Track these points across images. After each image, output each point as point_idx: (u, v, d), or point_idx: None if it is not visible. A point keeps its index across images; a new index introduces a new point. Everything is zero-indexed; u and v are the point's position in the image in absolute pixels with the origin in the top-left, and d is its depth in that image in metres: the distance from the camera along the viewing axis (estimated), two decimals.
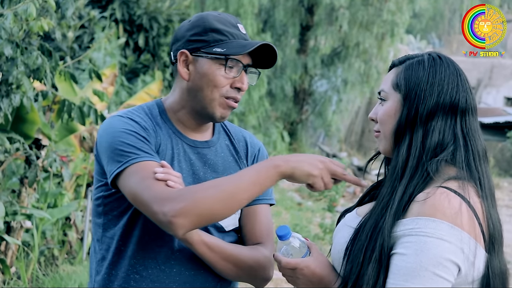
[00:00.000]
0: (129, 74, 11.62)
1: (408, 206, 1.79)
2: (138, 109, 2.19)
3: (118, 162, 2.03)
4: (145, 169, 2.00)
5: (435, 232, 1.72)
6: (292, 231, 1.95)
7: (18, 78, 4.26)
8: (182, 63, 2.15)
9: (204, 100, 2.14)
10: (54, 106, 6.02)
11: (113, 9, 11.60)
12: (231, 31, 2.14)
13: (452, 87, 1.87)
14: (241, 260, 2.12)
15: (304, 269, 1.89)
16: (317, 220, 10.06)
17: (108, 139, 2.08)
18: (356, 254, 1.82)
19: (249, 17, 14.92)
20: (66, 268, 5.90)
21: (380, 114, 1.93)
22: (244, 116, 14.78)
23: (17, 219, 5.06)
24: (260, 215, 2.24)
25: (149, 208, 1.95)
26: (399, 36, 17.61)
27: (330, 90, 18.66)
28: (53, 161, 5.11)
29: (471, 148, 1.86)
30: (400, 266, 1.73)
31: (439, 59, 1.92)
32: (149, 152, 2.04)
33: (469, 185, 1.80)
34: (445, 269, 1.71)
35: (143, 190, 1.97)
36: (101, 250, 2.17)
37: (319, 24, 17.54)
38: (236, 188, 1.94)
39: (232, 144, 2.30)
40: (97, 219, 2.18)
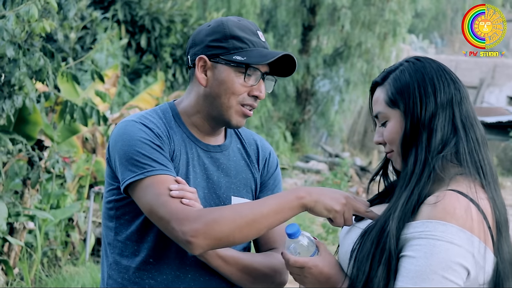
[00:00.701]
0: (131, 75, 11.63)
1: (418, 208, 1.79)
2: (152, 113, 2.17)
3: (132, 172, 2.02)
4: (160, 184, 1.99)
5: (445, 235, 1.72)
6: (301, 230, 1.95)
7: (21, 79, 4.27)
8: (200, 68, 2.13)
9: (221, 107, 2.13)
10: (56, 107, 6.03)
11: (115, 10, 11.61)
12: (252, 39, 2.12)
13: (443, 82, 1.89)
14: (256, 269, 2.13)
15: (312, 268, 1.89)
16: (320, 220, 10.05)
17: (122, 147, 2.06)
18: (364, 256, 1.82)
19: (251, 17, 14.91)
20: (69, 269, 5.90)
21: (387, 134, 1.93)
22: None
23: (20, 220, 5.07)
24: None
25: (167, 224, 1.96)
26: (401, 35, 17.60)
27: (332, 90, 18.65)
28: (56, 162, 5.12)
29: (471, 136, 1.87)
30: (409, 268, 1.73)
31: (419, 62, 1.92)
32: (164, 164, 2.03)
33: (475, 181, 1.81)
34: (454, 273, 1.71)
35: (160, 207, 1.97)
36: (112, 254, 2.16)
37: (321, 24, 17.54)
38: (256, 216, 1.94)
39: (244, 147, 2.30)
40: (108, 222, 2.17)
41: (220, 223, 1.93)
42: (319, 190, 1.97)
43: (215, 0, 15.03)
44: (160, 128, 2.12)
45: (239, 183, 2.22)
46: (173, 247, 2.09)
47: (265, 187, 2.28)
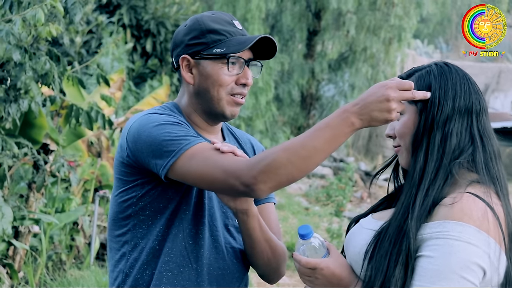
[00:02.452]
0: (137, 79, 11.65)
1: (433, 209, 1.80)
2: (164, 108, 2.20)
3: (171, 151, 2.01)
4: (203, 150, 2.00)
5: (463, 236, 1.73)
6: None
7: (26, 83, 4.28)
8: (185, 68, 2.18)
9: (212, 101, 2.17)
10: (62, 111, 6.04)
11: (121, 14, 11.64)
12: (228, 29, 2.17)
13: (465, 91, 1.92)
14: (277, 246, 2.20)
15: (324, 269, 1.91)
16: (324, 225, 10.04)
17: (151, 134, 2.05)
18: (381, 256, 1.83)
19: (256, 22, 14.93)
20: (73, 273, 5.91)
21: (399, 128, 1.96)
22: (251, 121, 14.78)
23: (25, 224, 5.07)
24: (271, 213, 2.32)
25: (225, 182, 1.95)
26: (407, 40, 17.59)
27: (337, 95, 18.64)
28: (61, 166, 5.12)
29: (488, 148, 1.90)
30: (427, 268, 1.75)
31: (446, 66, 1.96)
32: (196, 136, 2.05)
33: (490, 189, 1.83)
34: (472, 273, 1.73)
35: (212, 168, 1.96)
36: (132, 252, 2.17)
37: (326, 29, 17.54)
38: (311, 152, 1.89)
39: (240, 146, 2.35)
40: (122, 221, 2.18)
41: (277, 166, 1.89)
42: (365, 107, 1.86)
43: (220, 5, 15.06)
44: (176, 117, 2.15)
45: None
46: (192, 240, 2.14)
47: None
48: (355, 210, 11.71)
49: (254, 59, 2.21)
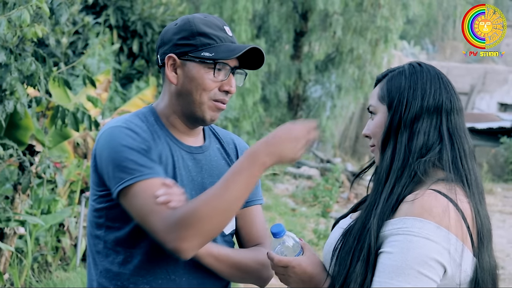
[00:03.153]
0: (123, 80, 11.61)
1: (397, 206, 1.82)
2: (134, 118, 2.17)
3: (121, 178, 2.02)
4: (148, 191, 2.00)
5: (422, 231, 1.75)
6: (286, 230, 1.98)
7: (12, 84, 4.26)
8: (170, 67, 2.16)
9: (193, 104, 2.15)
10: (47, 112, 6.01)
11: (107, 15, 11.60)
12: (219, 34, 2.15)
13: (435, 90, 1.93)
14: (246, 264, 2.17)
15: (296, 267, 1.93)
16: (311, 226, 10.06)
17: (110, 153, 2.06)
18: (345, 253, 1.86)
19: (243, 23, 14.94)
20: (59, 275, 5.88)
21: (371, 127, 2.00)
22: (238, 122, 14.79)
23: (11, 225, 5.05)
24: (256, 216, 2.29)
25: (156, 234, 1.98)
26: (393, 42, 17.65)
27: (324, 96, 18.68)
28: (47, 167, 5.10)
29: (457, 146, 1.91)
30: (385, 264, 1.77)
31: (419, 66, 1.98)
32: (151, 168, 2.03)
33: (457, 186, 1.84)
34: (430, 268, 1.74)
35: (148, 215, 1.99)
36: (103, 262, 2.15)
37: (313, 30, 17.57)
38: (231, 202, 1.97)
39: (223, 147, 2.32)
40: (96, 230, 2.16)
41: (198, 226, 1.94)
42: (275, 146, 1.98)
43: (207, 6, 15.05)
44: (146, 132, 2.13)
45: None
46: (167, 251, 2.08)
47: None
48: (342, 211, 11.73)
49: (239, 67, 2.20)
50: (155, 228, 1.97)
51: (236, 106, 14.10)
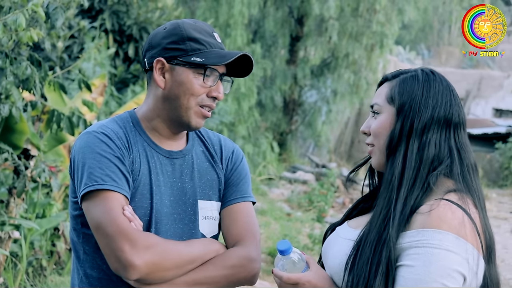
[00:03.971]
0: (119, 84, 11.60)
1: (411, 217, 1.81)
2: (111, 123, 2.17)
3: (85, 184, 2.03)
4: (110, 200, 2.01)
5: (442, 243, 1.75)
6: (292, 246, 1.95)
7: (7, 88, 4.26)
8: (158, 71, 2.15)
9: (180, 109, 2.14)
10: (43, 116, 6.00)
11: (103, 20, 11.60)
12: (208, 40, 2.15)
13: (446, 102, 1.92)
14: (214, 276, 2.12)
15: (306, 284, 1.90)
16: (306, 231, 10.05)
17: (81, 159, 2.08)
18: (361, 268, 1.83)
19: (239, 28, 14.94)
20: (54, 279, 5.87)
21: (374, 127, 1.96)
22: (234, 127, 14.78)
23: (5, 229, 5.04)
24: (236, 213, 2.24)
25: (114, 242, 1.97)
26: (389, 47, 17.67)
27: (319, 101, 18.68)
28: (42, 171, 5.10)
29: (465, 161, 1.90)
30: (408, 278, 1.75)
31: (432, 74, 1.96)
32: (117, 181, 2.04)
33: (467, 197, 1.83)
34: (452, 280, 1.74)
35: (109, 222, 1.98)
36: (83, 267, 2.16)
37: (309, 35, 17.58)
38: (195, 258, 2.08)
39: (207, 149, 2.30)
40: (75, 237, 2.17)
41: (167, 260, 2.00)
42: None
43: (203, 10, 15.05)
44: (120, 138, 2.12)
45: (205, 186, 2.23)
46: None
47: (229, 183, 2.28)
48: (337, 216, 11.73)
49: (227, 75, 2.19)
50: (116, 235, 1.96)
51: (232, 111, 14.10)
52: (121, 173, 2.06)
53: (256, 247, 2.18)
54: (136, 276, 1.97)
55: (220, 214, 2.25)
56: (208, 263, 2.12)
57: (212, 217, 2.22)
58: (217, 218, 2.24)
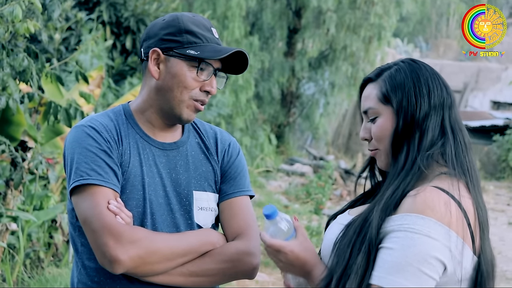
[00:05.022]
0: (116, 76, 11.59)
1: (400, 202, 1.81)
2: (102, 117, 2.18)
3: (72, 179, 2.05)
4: (97, 195, 2.02)
5: (423, 228, 1.74)
6: (279, 211, 1.94)
7: (4, 80, 4.25)
8: (153, 61, 2.15)
9: (172, 101, 2.14)
10: (40, 108, 5.99)
11: (100, 11, 11.57)
12: (205, 34, 2.14)
13: (436, 85, 1.92)
14: (211, 269, 2.13)
15: (288, 253, 1.90)
16: (304, 223, 10.07)
17: (69, 154, 2.10)
18: (345, 244, 1.84)
19: (236, 20, 14.92)
20: (51, 271, 5.87)
21: (376, 131, 1.94)
22: (232, 119, 14.78)
23: (3, 221, 5.04)
24: (236, 208, 2.25)
25: (99, 238, 1.99)
26: (386, 39, 17.67)
27: (317, 93, 18.69)
28: (39, 163, 5.09)
29: (459, 140, 1.91)
30: (385, 259, 1.76)
31: (415, 63, 1.96)
32: (103, 175, 2.05)
33: (459, 181, 1.83)
34: (430, 266, 1.74)
35: (94, 217, 2.00)
36: (81, 259, 2.17)
37: (307, 27, 17.57)
38: (187, 251, 2.10)
39: (203, 141, 2.30)
40: (73, 230, 2.18)
41: (153, 254, 2.02)
42: None
43: (200, 2, 15.02)
44: (109, 131, 2.13)
45: (199, 177, 2.23)
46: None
47: (226, 176, 2.28)
48: (335, 208, 11.75)
49: (222, 70, 2.19)
50: (101, 230, 1.98)
51: (229, 103, 14.10)
52: (107, 166, 2.07)
53: (255, 241, 2.18)
54: (121, 270, 1.99)
55: (218, 207, 2.26)
56: (205, 255, 2.13)
57: (208, 208, 2.22)
58: (215, 209, 2.24)
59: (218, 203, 2.26)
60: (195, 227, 2.19)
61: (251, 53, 15.27)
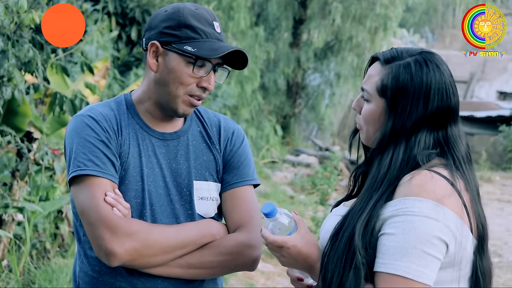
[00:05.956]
0: (122, 67, 11.59)
1: (395, 190, 1.80)
2: (102, 106, 2.18)
3: (70, 169, 2.06)
4: (95, 186, 2.02)
5: (422, 210, 1.74)
6: (278, 207, 1.93)
7: (9, 70, 4.24)
8: (152, 53, 2.14)
9: (168, 95, 2.13)
10: (45, 99, 6.00)
11: (106, 2, 11.56)
12: (205, 29, 2.11)
13: (438, 97, 1.86)
14: (210, 261, 2.13)
15: (291, 248, 1.89)
16: (310, 214, 10.07)
17: (69, 144, 2.10)
18: (335, 263, 1.83)
19: (242, 11, 14.88)
20: (58, 261, 5.89)
21: (365, 114, 1.94)
22: (237, 110, 14.78)
23: (9, 212, 5.05)
24: (238, 198, 2.23)
25: (95, 230, 1.99)
26: (392, 30, 17.62)
27: (323, 84, 18.66)
28: (45, 154, 5.09)
29: (455, 154, 1.87)
30: (388, 245, 1.75)
31: (426, 66, 1.87)
32: (100, 166, 2.05)
33: (458, 176, 1.82)
34: (433, 247, 1.74)
35: (91, 209, 2.00)
36: (83, 248, 2.18)
37: (312, 17, 17.53)
38: (184, 243, 2.09)
39: (205, 130, 2.28)
40: (75, 220, 2.18)
41: (150, 247, 2.02)
42: None
43: None
44: (109, 121, 2.12)
45: (200, 167, 2.22)
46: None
47: (229, 166, 2.26)
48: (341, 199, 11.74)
49: (223, 64, 2.16)
50: (97, 223, 1.98)
51: (235, 94, 14.09)
52: (105, 157, 2.06)
53: (256, 233, 2.17)
54: (117, 263, 2.00)
55: (220, 198, 2.25)
56: (204, 247, 2.12)
57: (209, 197, 2.21)
58: (216, 199, 2.23)
59: (221, 193, 2.24)
60: (196, 217, 2.18)
61: (257, 44, 15.24)
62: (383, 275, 1.74)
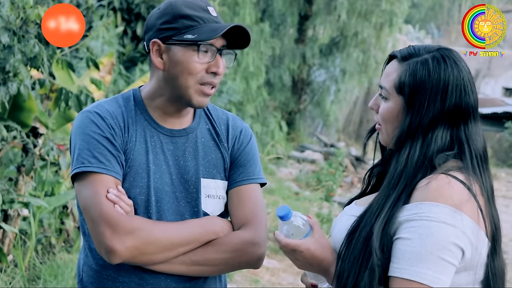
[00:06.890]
0: (127, 63, 11.59)
1: (412, 193, 1.79)
2: (110, 102, 2.17)
3: (74, 165, 2.05)
4: (98, 183, 2.02)
5: (439, 216, 1.72)
6: (292, 210, 1.92)
7: (15, 66, 4.25)
8: (155, 52, 2.13)
9: (180, 88, 2.11)
10: (51, 95, 6.00)
11: None
12: (201, 15, 2.10)
13: (457, 94, 1.84)
14: (213, 258, 2.13)
15: (304, 252, 1.88)
16: (315, 210, 10.06)
17: (74, 140, 2.10)
18: (351, 262, 1.81)
19: (247, 6, 14.86)
20: (63, 256, 5.90)
21: (382, 111, 1.91)
22: (242, 106, 14.77)
23: (14, 207, 5.06)
24: (243, 196, 2.22)
25: (97, 227, 1.99)
26: (398, 26, 17.57)
27: (328, 80, 18.63)
28: (50, 150, 5.10)
29: (474, 152, 1.85)
30: (404, 250, 1.74)
31: (443, 61, 1.86)
32: (104, 163, 2.04)
33: (474, 179, 1.80)
34: (449, 253, 1.72)
35: (92, 206, 2.00)
36: (87, 242, 2.18)
37: (318, 13, 17.49)
38: (182, 241, 2.08)
39: (214, 127, 2.28)
40: (80, 214, 2.18)
41: (151, 244, 2.01)
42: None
43: None
44: (115, 117, 2.12)
45: (208, 165, 2.21)
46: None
47: (235, 163, 2.26)
48: (345, 195, 11.74)
49: (228, 47, 2.15)
50: (98, 220, 1.98)
51: (240, 90, 14.08)
52: (110, 153, 2.06)
53: (261, 231, 2.16)
54: (117, 260, 1.99)
55: (227, 195, 2.24)
56: (208, 245, 2.11)
57: (216, 195, 2.21)
58: (223, 197, 2.23)
59: (227, 190, 2.24)
60: (202, 215, 2.17)
61: (262, 40, 15.22)
62: (398, 280, 1.73)
